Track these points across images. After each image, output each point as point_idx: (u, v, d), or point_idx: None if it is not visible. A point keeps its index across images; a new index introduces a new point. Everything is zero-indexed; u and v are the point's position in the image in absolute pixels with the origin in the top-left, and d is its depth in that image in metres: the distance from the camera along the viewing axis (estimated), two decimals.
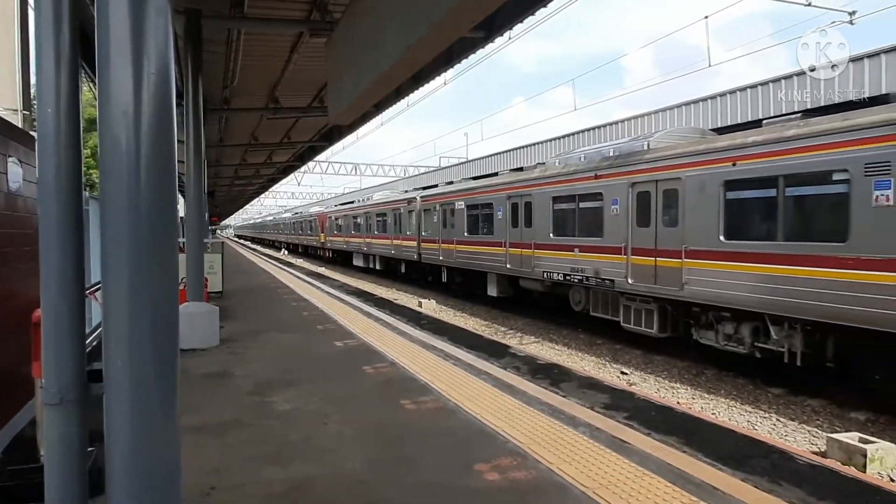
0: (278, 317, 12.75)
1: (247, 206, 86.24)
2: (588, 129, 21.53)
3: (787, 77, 13.64)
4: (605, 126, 20.41)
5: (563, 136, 23.07)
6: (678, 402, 9.04)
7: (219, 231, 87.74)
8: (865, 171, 7.55)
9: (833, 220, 8.14)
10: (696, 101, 16.28)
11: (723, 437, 5.89)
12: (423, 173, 42.95)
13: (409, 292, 23.27)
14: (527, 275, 15.29)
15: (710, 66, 14.10)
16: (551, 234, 14.10)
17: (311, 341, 9.93)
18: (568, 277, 13.47)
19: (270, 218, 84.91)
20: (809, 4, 11.47)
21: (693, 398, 9.41)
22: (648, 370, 11.00)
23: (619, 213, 11.81)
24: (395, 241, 25.65)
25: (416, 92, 12.34)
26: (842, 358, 8.59)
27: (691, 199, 10.17)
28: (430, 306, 18.73)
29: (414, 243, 23.32)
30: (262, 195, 59.59)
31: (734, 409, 8.86)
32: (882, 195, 7.40)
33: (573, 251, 13.25)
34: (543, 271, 14.42)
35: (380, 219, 28.12)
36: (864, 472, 6.31)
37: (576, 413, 5.75)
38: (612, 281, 12.00)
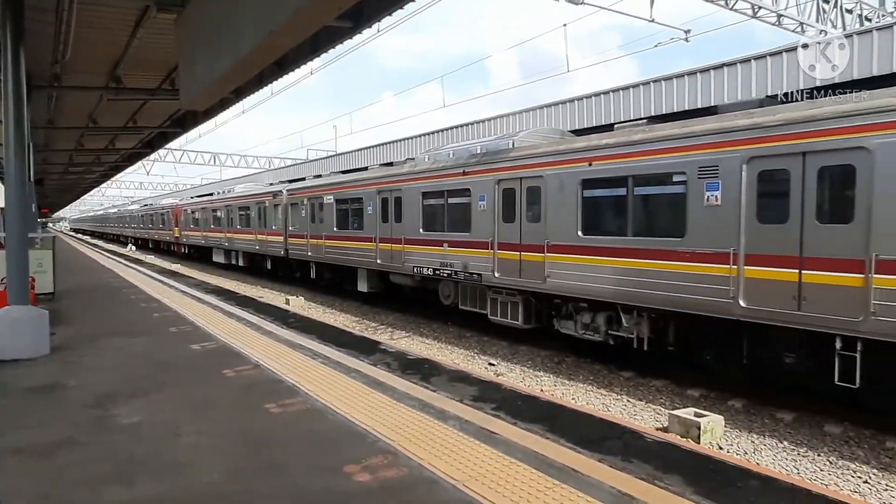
0: (124, 319, 11.54)
1: (85, 197, 77.58)
2: (456, 127, 22.00)
3: (635, 86, 14.93)
4: (472, 124, 20.98)
5: (433, 133, 23.37)
6: (542, 390, 9.51)
7: (51, 224, 77.84)
8: (699, 174, 8.41)
9: (673, 217, 8.97)
10: (556, 104, 17.28)
11: (582, 422, 6.26)
12: (289, 166, 41.36)
13: (276, 290, 22.29)
14: (397, 270, 15.27)
15: (568, 71, 14.97)
16: (421, 230, 14.19)
17: (163, 345, 9.09)
18: (438, 272, 13.64)
19: (114, 210, 77.09)
20: (652, 21, 12.65)
21: (555, 385, 9.94)
22: (514, 360, 11.46)
23: (486, 209, 12.16)
24: (260, 237, 24.42)
25: (280, 80, 11.75)
26: (681, 342, 9.51)
27: (552, 197, 10.72)
28: (297, 304, 18.06)
29: (280, 238, 22.35)
30: (104, 185, 53.80)
31: (591, 393, 9.48)
32: (712, 196, 8.28)
33: (442, 246, 13.43)
34: (414, 266, 14.48)
35: (243, 212, 26.61)
36: (699, 442, 7.05)
37: (445, 407, 5.79)
38: (480, 275, 12.34)
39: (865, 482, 6.30)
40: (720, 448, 7.13)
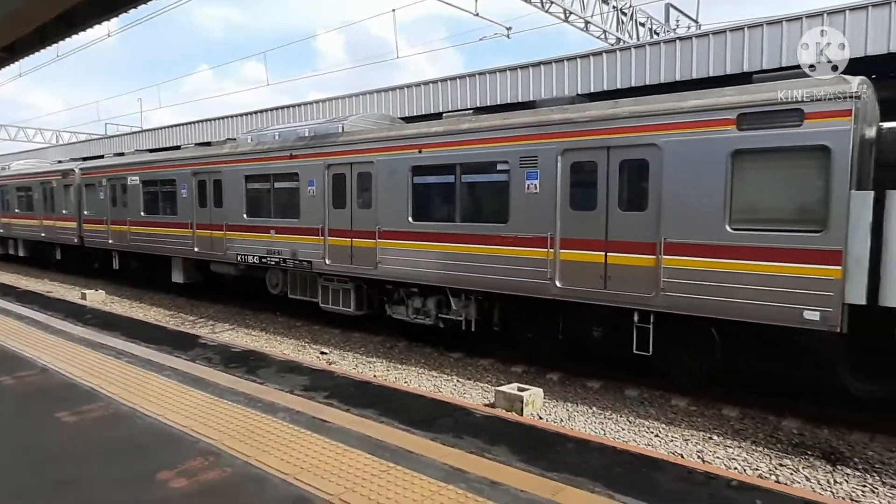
0: None
1: None
2: (283, 107, 20.97)
3: (462, 77, 15.47)
4: (300, 105, 20.15)
5: (257, 112, 22.01)
6: (375, 376, 9.48)
7: None
8: (520, 163, 8.94)
9: (498, 204, 9.43)
10: (386, 90, 17.26)
11: (415, 403, 6.33)
12: (83, 141, 36.24)
13: (69, 283, 19.45)
14: (218, 258, 14.17)
15: (398, 57, 15.00)
16: (245, 215, 13.30)
17: None
18: (264, 260, 12.91)
19: None
20: (477, 15, 13.19)
21: (388, 370, 9.97)
22: (347, 348, 11.29)
23: (315, 195, 11.75)
24: (47, 222, 21.08)
25: (69, 40, 10.12)
26: (505, 322, 10.09)
27: (383, 183, 10.69)
28: (97, 298, 15.94)
29: (73, 224, 19.51)
30: None
31: (423, 375, 9.68)
32: (532, 184, 8.86)
33: (269, 233, 12.73)
34: (237, 254, 13.54)
35: (22, 194, 22.76)
36: (522, 414, 7.54)
37: (274, 399, 5.48)
38: (310, 262, 11.92)
39: (657, 436, 7.23)
40: (540, 418, 7.70)
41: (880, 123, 7.37)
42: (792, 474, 6.26)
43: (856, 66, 6.80)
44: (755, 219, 7.03)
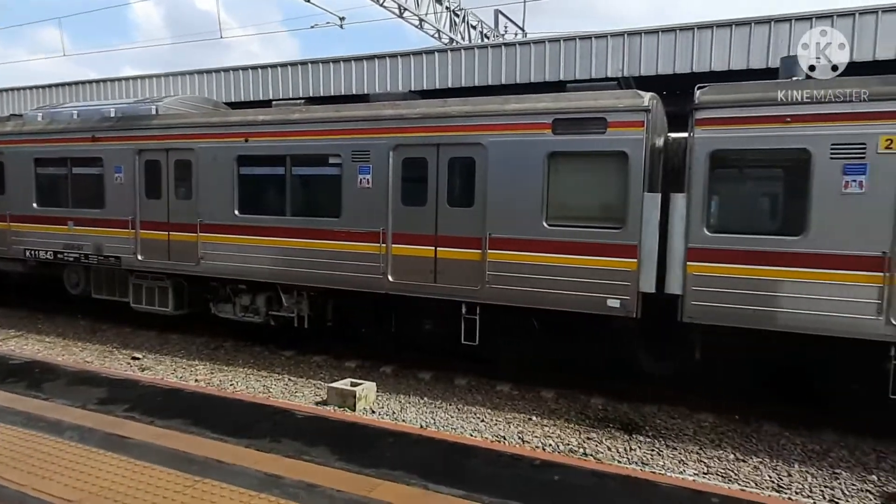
0: None
1: None
2: (86, 82, 18.47)
3: (294, 64, 14.87)
4: (106, 81, 17.90)
5: (51, 86, 19.15)
6: (196, 380, 8.78)
7: None
8: (353, 157, 8.82)
9: (330, 198, 9.21)
10: (210, 71, 16.01)
11: (231, 409, 5.95)
12: None
13: None
14: (2, 254, 12.12)
15: (221, 37, 14.00)
16: (35, 204, 11.53)
17: None
18: (61, 256, 11.31)
19: None
20: (308, 1, 12.76)
21: (212, 373, 9.29)
22: (164, 351, 10.32)
23: (124, 183, 10.54)
24: None
25: None
26: (339, 317, 9.91)
27: (205, 172, 9.91)
28: None
29: None
30: None
31: (252, 376, 9.17)
32: (364, 178, 8.79)
33: (66, 225, 11.17)
34: (25, 249, 11.70)
35: None
36: (355, 410, 7.47)
37: (61, 416, 4.79)
38: (119, 258, 10.68)
39: (482, 421, 7.60)
40: (373, 412, 7.69)
41: (668, 134, 8.46)
42: (597, 445, 6.95)
43: (656, 83, 7.73)
44: (568, 216, 7.66)
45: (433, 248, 8.30)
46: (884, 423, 6.97)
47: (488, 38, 18.11)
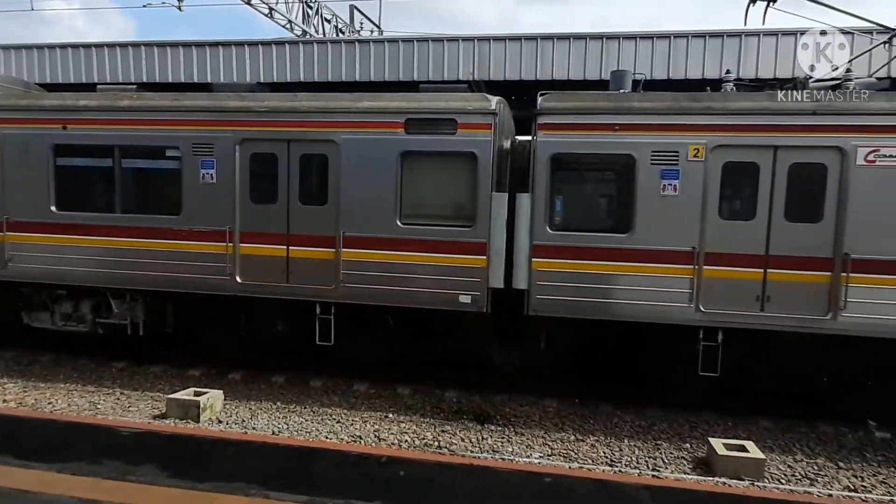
0: None
1: None
2: None
3: (124, 45, 13.42)
4: None
5: None
6: (3, 402, 7.64)
7: None
8: (194, 151, 8.19)
9: (169, 193, 8.47)
10: (20, 47, 13.93)
11: (44, 431, 5.26)
12: None
13: None
14: None
15: (32, 9, 12.26)
16: None
17: None
18: None
19: None
20: None
21: (25, 391, 8.15)
22: None
23: None
24: None
25: None
26: (180, 322, 9.17)
27: (12, 162, 8.64)
28: None
29: None
30: None
31: (75, 392, 8.19)
32: (207, 174, 8.21)
33: None
34: None
35: None
36: (199, 421, 6.96)
37: None
38: None
39: (338, 422, 7.47)
40: (220, 422, 7.22)
41: (515, 137, 8.92)
42: (451, 437, 7.15)
43: (506, 88, 8.07)
44: (421, 214, 7.78)
45: (285, 247, 8.00)
46: (694, 396, 7.97)
47: (343, 33, 17.82)
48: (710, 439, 6.75)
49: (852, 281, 6.86)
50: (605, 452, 6.95)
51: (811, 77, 7.77)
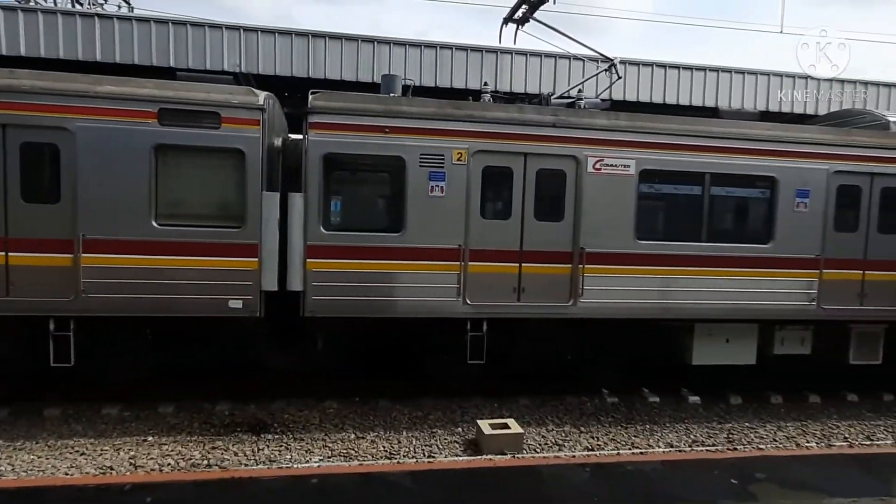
0: None
1: None
2: None
3: None
4: None
5: None
6: None
7: None
8: None
9: None
10: None
11: None
12: None
13: None
14: None
15: None
16: None
17: None
18: None
19: None
20: None
21: None
22: None
23: None
24: None
25: None
26: None
27: None
28: None
29: None
30: None
31: None
32: None
33: None
34: None
35: None
36: None
37: None
38: None
39: (83, 454, 6.45)
40: None
41: (288, 135, 8.63)
42: (223, 453, 6.66)
43: (278, 84, 7.63)
44: (182, 214, 7.09)
45: (3, 253, 6.64)
46: (464, 383, 8.57)
47: (81, 4, 15.43)
48: (478, 421, 7.32)
49: (587, 272, 8.00)
50: (384, 446, 7.11)
51: (552, 94, 8.89)
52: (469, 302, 7.76)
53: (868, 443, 7.77)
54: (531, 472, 4.33)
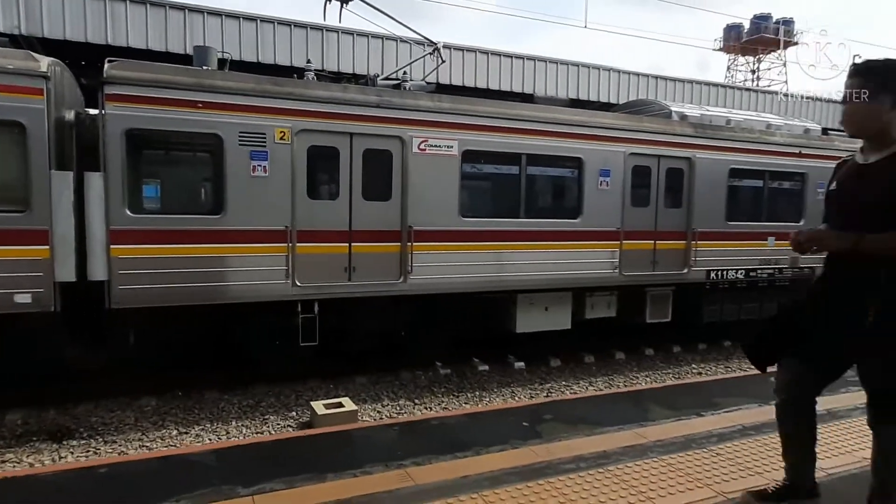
0: None
1: None
2: None
3: None
4: None
5: None
6: None
7: None
8: None
9: None
10: None
11: None
12: None
13: None
14: None
15: None
16: None
17: None
18: None
19: None
20: None
21: None
22: None
23: None
24: None
25: None
26: None
27: None
28: None
29: None
30: None
31: None
32: None
33: None
34: None
35: None
36: None
37: None
38: None
39: None
40: None
41: (84, 109, 7.75)
42: (15, 466, 5.94)
43: (74, 50, 6.77)
44: None
45: None
46: (297, 367, 8.43)
47: None
48: (312, 403, 7.26)
49: (415, 249, 8.24)
50: (211, 439, 6.79)
51: (378, 75, 8.96)
52: (299, 284, 7.63)
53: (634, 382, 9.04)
54: (341, 435, 4.42)
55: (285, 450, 4.22)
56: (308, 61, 8.80)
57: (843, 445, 4.10)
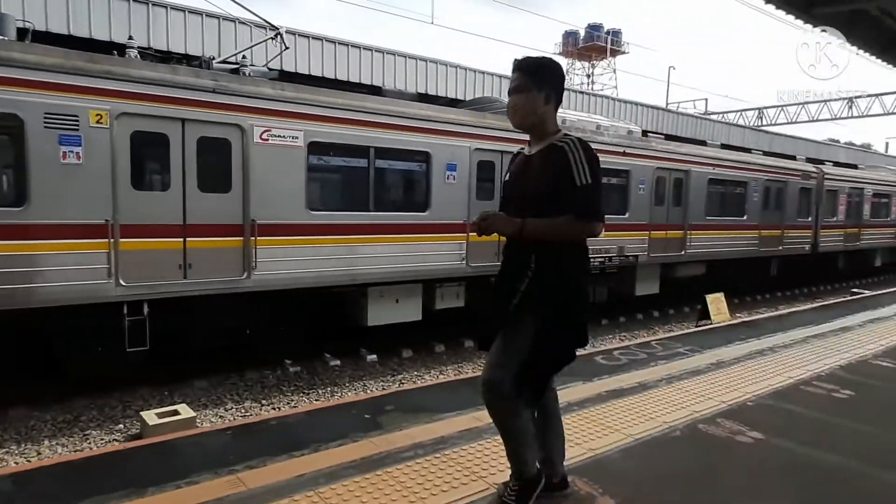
0: None
1: None
2: None
3: None
4: None
5: None
6: None
7: None
8: None
9: None
10: None
11: None
12: None
13: None
14: None
15: None
16: None
17: None
18: None
19: None
20: None
21: None
22: None
23: None
24: None
25: None
26: None
27: None
28: None
29: None
30: None
31: None
32: None
33: None
34: None
35: None
36: None
37: None
38: None
39: None
40: None
41: None
42: None
43: None
44: None
45: None
46: (128, 375, 7.68)
47: None
48: (142, 413, 6.65)
49: (260, 244, 7.86)
50: (17, 461, 5.97)
51: (215, 58, 8.38)
52: (124, 283, 6.93)
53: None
54: (167, 445, 4.10)
55: (101, 466, 3.81)
56: (130, 37, 7.98)
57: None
